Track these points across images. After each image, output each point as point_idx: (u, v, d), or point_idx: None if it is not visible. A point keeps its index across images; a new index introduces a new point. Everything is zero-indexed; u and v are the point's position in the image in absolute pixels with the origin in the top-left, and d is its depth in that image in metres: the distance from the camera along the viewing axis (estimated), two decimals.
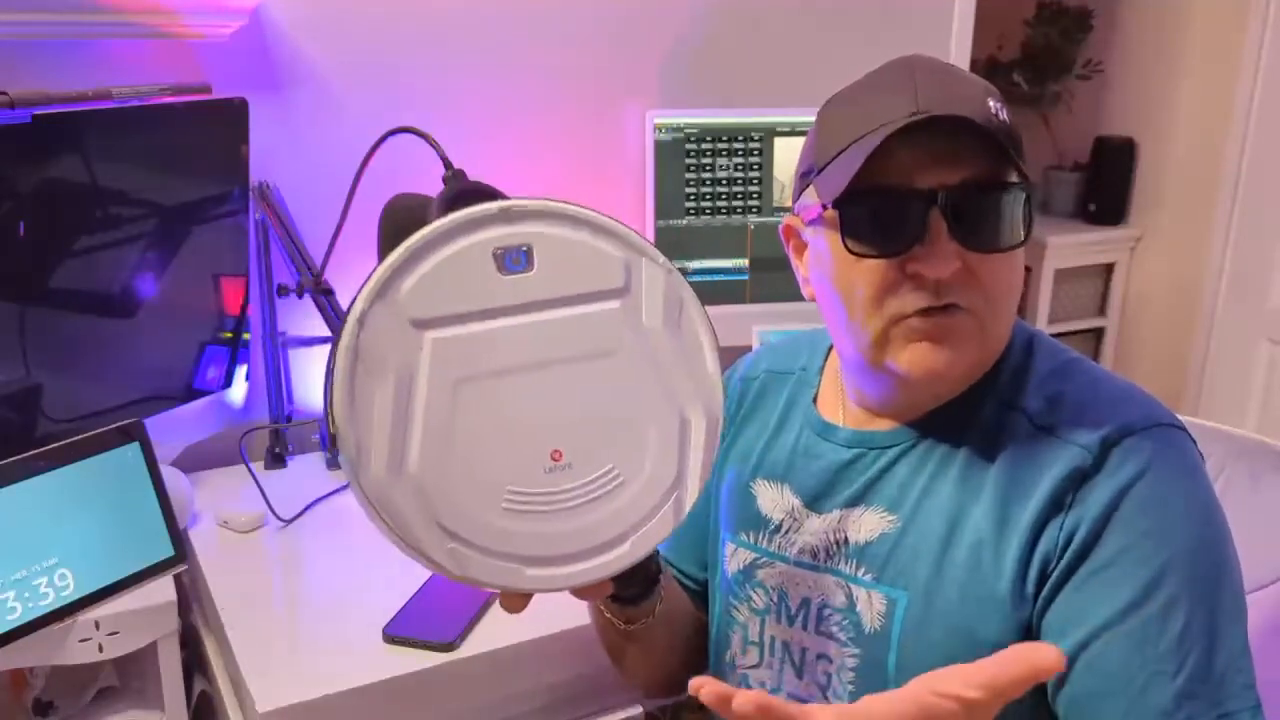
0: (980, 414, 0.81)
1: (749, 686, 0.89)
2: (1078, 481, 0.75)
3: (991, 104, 0.76)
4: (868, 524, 0.82)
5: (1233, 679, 0.71)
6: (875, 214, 0.76)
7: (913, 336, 0.77)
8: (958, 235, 0.74)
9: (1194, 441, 0.79)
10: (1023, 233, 0.76)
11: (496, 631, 1.10)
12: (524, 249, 0.69)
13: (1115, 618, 0.72)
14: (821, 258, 0.81)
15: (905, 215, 0.75)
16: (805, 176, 0.83)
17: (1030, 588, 0.75)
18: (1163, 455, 0.75)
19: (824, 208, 0.78)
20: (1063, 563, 0.74)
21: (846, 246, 0.77)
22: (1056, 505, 0.75)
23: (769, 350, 1.02)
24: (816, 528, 0.86)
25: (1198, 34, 2.69)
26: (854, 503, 0.84)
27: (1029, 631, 0.76)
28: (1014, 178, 0.76)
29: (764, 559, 0.89)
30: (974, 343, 0.78)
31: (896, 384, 0.81)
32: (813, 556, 0.85)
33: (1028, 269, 1.98)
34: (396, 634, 1.08)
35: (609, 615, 0.89)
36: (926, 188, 0.74)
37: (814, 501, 0.87)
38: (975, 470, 0.79)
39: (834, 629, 0.84)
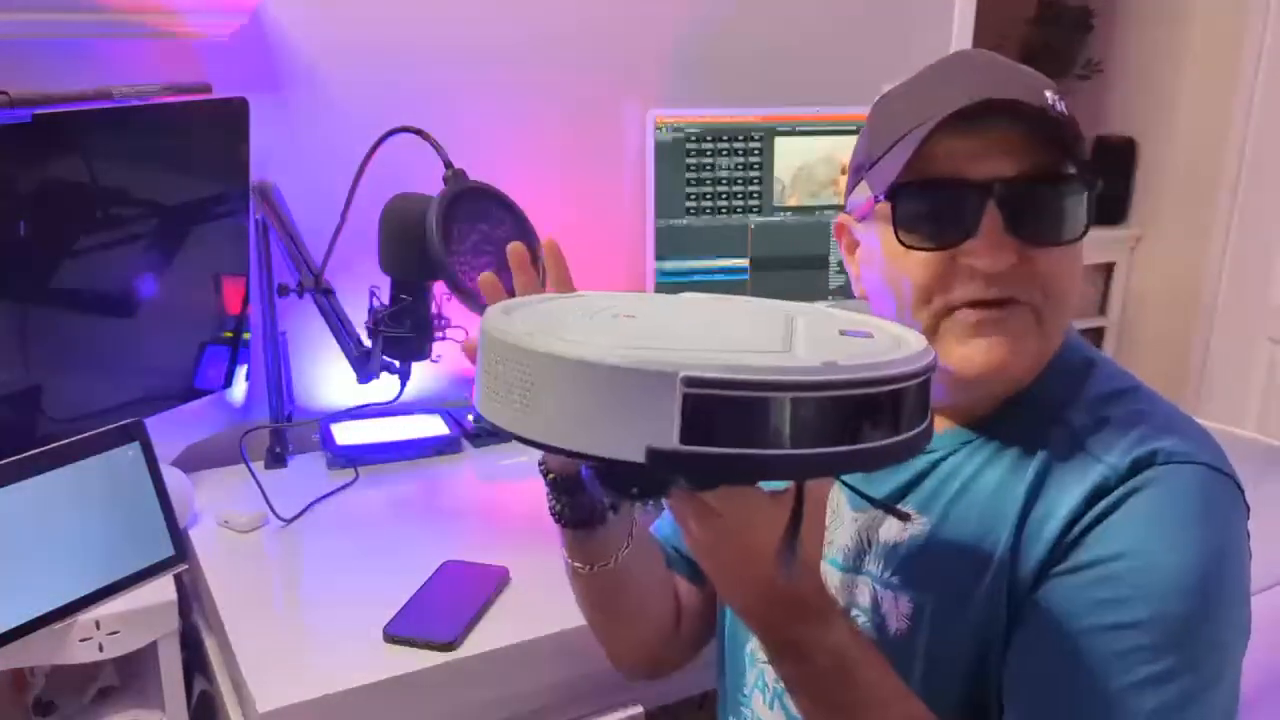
0: (1020, 426, 0.78)
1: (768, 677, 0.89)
2: (1100, 498, 0.72)
3: (1049, 95, 0.74)
4: (896, 524, 0.81)
5: None
6: (929, 205, 0.74)
7: (965, 333, 0.75)
8: (1014, 229, 0.72)
9: (1242, 494, 0.75)
10: (1083, 226, 0.74)
11: (496, 631, 1.10)
12: None
13: (1056, 623, 0.70)
14: (873, 254, 0.79)
15: (959, 208, 0.73)
16: (858, 172, 0.81)
17: None
18: (1183, 487, 0.71)
19: (875, 200, 0.76)
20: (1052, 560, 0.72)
21: (898, 238, 0.75)
22: (1080, 521, 0.72)
23: None
24: (851, 529, 0.84)
25: (1198, 34, 2.69)
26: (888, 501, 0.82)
27: None
28: (1073, 169, 0.74)
29: None
30: (1032, 336, 0.75)
31: (949, 383, 0.77)
32: (843, 557, 0.85)
33: None
34: (396, 634, 1.08)
35: (569, 554, 0.89)
36: (981, 179, 0.72)
37: (852, 499, 0.84)
38: (1012, 480, 0.76)
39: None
